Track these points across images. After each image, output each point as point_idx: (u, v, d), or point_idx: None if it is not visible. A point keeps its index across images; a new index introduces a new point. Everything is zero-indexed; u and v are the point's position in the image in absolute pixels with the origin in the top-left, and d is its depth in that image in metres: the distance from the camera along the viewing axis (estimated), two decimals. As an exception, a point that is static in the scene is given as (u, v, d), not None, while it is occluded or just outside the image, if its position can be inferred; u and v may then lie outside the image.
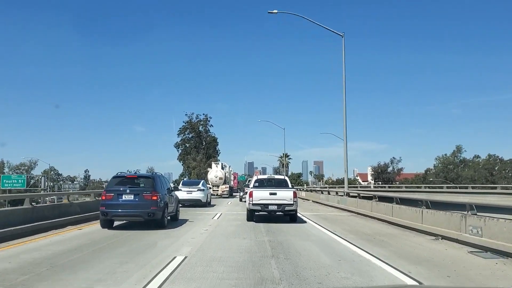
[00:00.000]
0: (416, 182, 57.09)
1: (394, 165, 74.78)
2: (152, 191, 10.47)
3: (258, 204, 12.70)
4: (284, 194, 12.78)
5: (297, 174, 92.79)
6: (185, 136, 62.99)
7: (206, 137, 63.44)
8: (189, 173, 58.78)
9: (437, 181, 56.04)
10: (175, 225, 11.64)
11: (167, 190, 11.89)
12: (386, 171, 73.49)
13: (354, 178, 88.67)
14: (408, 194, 24.08)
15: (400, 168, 74.50)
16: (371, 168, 75.40)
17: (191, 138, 63.05)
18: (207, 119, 63.11)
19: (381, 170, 72.82)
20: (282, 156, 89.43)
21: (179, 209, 13.69)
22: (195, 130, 62.29)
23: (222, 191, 33.81)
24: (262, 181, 14.64)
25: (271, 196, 12.70)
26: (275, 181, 14.48)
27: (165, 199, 11.04)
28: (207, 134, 63.54)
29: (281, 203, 12.64)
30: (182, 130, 62.35)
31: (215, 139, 63.87)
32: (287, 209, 12.73)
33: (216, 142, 64.37)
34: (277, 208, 12.66)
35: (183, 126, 62.56)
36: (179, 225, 11.77)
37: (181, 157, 62.00)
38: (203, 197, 21.54)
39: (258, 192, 12.89)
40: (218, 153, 65.08)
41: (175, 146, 62.92)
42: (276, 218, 13.54)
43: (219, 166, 35.67)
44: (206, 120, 62.96)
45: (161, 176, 11.97)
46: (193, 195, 21.39)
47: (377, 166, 74.54)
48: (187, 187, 21.77)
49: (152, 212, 10.24)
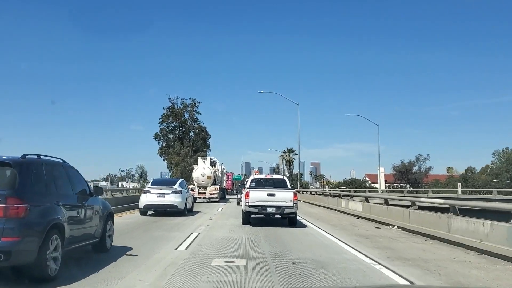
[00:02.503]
0: (454, 185, 51.98)
1: (420, 164, 70.60)
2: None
3: (255, 205, 12.90)
4: (283, 195, 12.99)
5: (295, 175, 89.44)
6: (167, 125, 57.02)
7: (194, 126, 57.87)
8: (172, 171, 53.99)
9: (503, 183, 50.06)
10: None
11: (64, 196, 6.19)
12: (411, 171, 69.20)
13: (363, 179, 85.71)
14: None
15: (428, 168, 70.31)
16: (393, 167, 71.23)
17: (174, 127, 57.25)
18: (195, 104, 56.88)
19: (406, 170, 68.51)
20: (285, 151, 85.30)
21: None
22: (179, 118, 56.26)
23: (211, 194, 30.20)
24: (260, 181, 14.86)
25: (269, 198, 12.90)
26: (274, 181, 14.69)
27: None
28: (195, 122, 57.75)
29: (280, 205, 12.84)
30: (164, 118, 56.37)
31: (204, 129, 58.59)
32: (286, 211, 12.94)
33: (206, 133, 58.92)
34: (276, 210, 12.86)
35: (164, 113, 56.47)
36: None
37: (162, 150, 56.46)
38: (180, 202, 17.21)
39: (255, 193, 13.06)
40: (208, 147, 60.05)
41: (154, 138, 57.04)
42: (277, 222, 13.75)
43: (207, 162, 31.43)
44: (193, 106, 56.67)
45: (53, 164, 6.32)
46: (166, 200, 17.06)
47: (401, 165, 70.20)
48: (158, 189, 17.41)
49: None
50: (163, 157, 56.69)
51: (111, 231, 8.02)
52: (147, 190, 17.58)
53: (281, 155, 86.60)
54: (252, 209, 12.97)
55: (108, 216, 7.81)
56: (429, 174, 72.68)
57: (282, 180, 15.13)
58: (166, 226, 12.92)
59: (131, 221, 14.25)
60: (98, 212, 7.29)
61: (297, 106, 24.39)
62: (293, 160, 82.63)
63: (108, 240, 7.82)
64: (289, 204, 12.82)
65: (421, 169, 70.17)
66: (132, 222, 14.14)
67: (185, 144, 55.49)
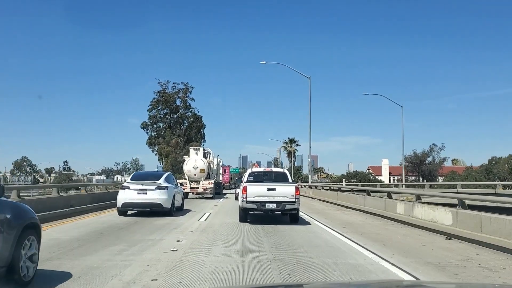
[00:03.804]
0: (475, 177, 49.18)
1: (434, 154, 68.85)
2: None
3: (253, 201, 12.68)
4: (284, 190, 12.78)
5: (296, 168, 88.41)
6: (157, 113, 54.62)
7: (186, 114, 55.34)
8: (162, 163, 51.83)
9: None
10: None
11: None
12: (424, 162, 67.48)
13: (367, 171, 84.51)
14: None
15: (443, 158, 68.63)
16: (406, 157, 69.49)
17: (165, 115, 54.82)
18: (188, 89, 54.30)
19: (420, 161, 66.75)
20: (287, 142, 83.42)
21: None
22: (170, 105, 53.68)
23: (204, 189, 28.61)
24: (258, 174, 14.71)
25: (269, 192, 12.69)
26: (274, 175, 14.52)
27: None
28: (188, 110, 55.30)
29: (280, 201, 12.59)
30: (153, 104, 53.89)
31: (199, 118, 56.23)
32: (288, 207, 12.69)
33: (200, 122, 56.58)
34: (276, 206, 12.64)
35: (154, 99, 53.93)
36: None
37: (150, 140, 54.15)
38: (165, 200, 15.33)
39: (254, 188, 12.88)
40: (203, 138, 57.83)
41: (142, 127, 54.55)
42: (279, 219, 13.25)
43: (200, 153, 29.61)
44: (186, 91, 54.13)
45: None
46: (149, 197, 15.19)
47: (414, 156, 68.41)
48: (139, 184, 15.51)
49: None
50: (151, 148, 54.45)
51: (33, 252, 5.62)
52: (125, 186, 15.67)
53: (283, 146, 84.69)
54: (250, 205, 12.72)
55: (27, 230, 5.43)
56: (443, 166, 71.09)
57: (283, 173, 14.84)
58: (140, 234, 10.95)
59: (98, 227, 12.05)
60: (2, 225, 4.95)
61: (308, 79, 24.25)
62: (296, 151, 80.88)
63: (26, 267, 5.43)
64: (291, 200, 12.57)
65: (435, 160, 68.52)
66: (99, 227, 11.88)
67: (176, 133, 53.08)
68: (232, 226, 12.37)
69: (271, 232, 11.09)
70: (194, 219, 14.50)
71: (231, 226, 12.25)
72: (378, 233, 11.35)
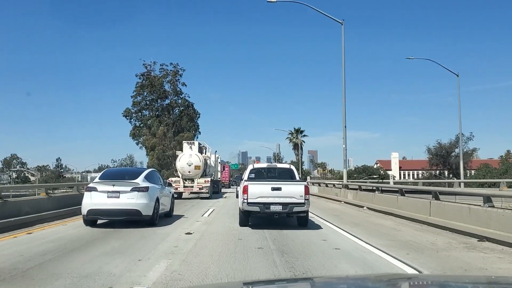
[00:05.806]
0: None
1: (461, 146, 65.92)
2: None
3: (255, 203, 12.25)
4: (291, 189, 12.34)
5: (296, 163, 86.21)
6: (142, 99, 50.59)
7: (176, 101, 51.43)
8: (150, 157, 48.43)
9: None
10: None
11: None
12: (451, 154, 64.61)
13: (377, 166, 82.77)
14: None
15: (472, 149, 65.77)
16: (427, 149, 66.89)
17: (151, 101, 51.07)
18: (177, 72, 50.46)
19: (447, 153, 63.90)
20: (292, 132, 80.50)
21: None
22: (157, 89, 49.63)
23: (199, 188, 27.75)
24: (260, 171, 14.63)
25: (274, 192, 12.24)
26: (278, 172, 14.44)
27: None
28: (178, 96, 51.45)
29: (287, 202, 12.15)
30: (137, 90, 50.05)
31: (191, 105, 52.65)
32: (296, 209, 12.24)
33: (193, 111, 52.85)
34: (282, 208, 12.16)
35: (139, 83, 50.02)
36: None
37: (135, 131, 50.44)
38: (144, 205, 12.52)
39: (256, 187, 12.43)
40: (198, 129, 54.21)
41: (124, 115, 50.74)
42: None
43: (195, 148, 28.38)
44: (175, 74, 50.28)
45: None
46: (122, 202, 12.41)
47: (438, 147, 65.56)
48: (109, 185, 12.69)
49: None
50: (136, 140, 50.84)
51: None
52: (92, 187, 12.85)
53: (288, 137, 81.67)
54: (252, 208, 12.27)
55: None
56: (472, 159, 68.42)
57: (289, 169, 14.60)
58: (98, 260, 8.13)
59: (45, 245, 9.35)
60: None
61: (340, 25, 25.31)
62: (303, 143, 78.10)
63: None
64: (299, 201, 12.12)
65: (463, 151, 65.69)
66: (47, 247, 9.20)
67: (164, 122, 49.37)
68: (233, 237, 9.53)
69: (283, 248, 8.26)
70: (183, 230, 11.79)
71: (231, 239, 9.42)
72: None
